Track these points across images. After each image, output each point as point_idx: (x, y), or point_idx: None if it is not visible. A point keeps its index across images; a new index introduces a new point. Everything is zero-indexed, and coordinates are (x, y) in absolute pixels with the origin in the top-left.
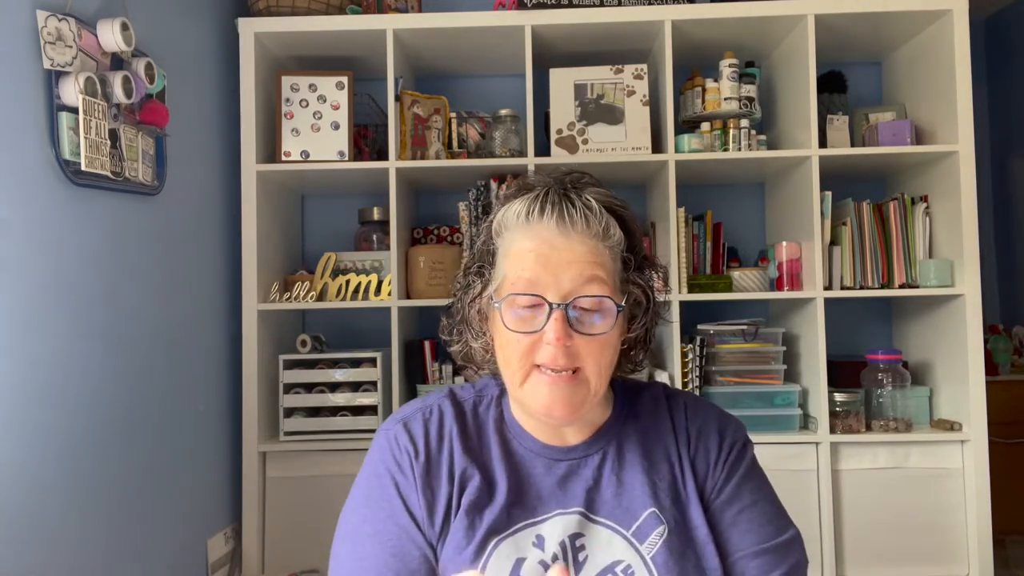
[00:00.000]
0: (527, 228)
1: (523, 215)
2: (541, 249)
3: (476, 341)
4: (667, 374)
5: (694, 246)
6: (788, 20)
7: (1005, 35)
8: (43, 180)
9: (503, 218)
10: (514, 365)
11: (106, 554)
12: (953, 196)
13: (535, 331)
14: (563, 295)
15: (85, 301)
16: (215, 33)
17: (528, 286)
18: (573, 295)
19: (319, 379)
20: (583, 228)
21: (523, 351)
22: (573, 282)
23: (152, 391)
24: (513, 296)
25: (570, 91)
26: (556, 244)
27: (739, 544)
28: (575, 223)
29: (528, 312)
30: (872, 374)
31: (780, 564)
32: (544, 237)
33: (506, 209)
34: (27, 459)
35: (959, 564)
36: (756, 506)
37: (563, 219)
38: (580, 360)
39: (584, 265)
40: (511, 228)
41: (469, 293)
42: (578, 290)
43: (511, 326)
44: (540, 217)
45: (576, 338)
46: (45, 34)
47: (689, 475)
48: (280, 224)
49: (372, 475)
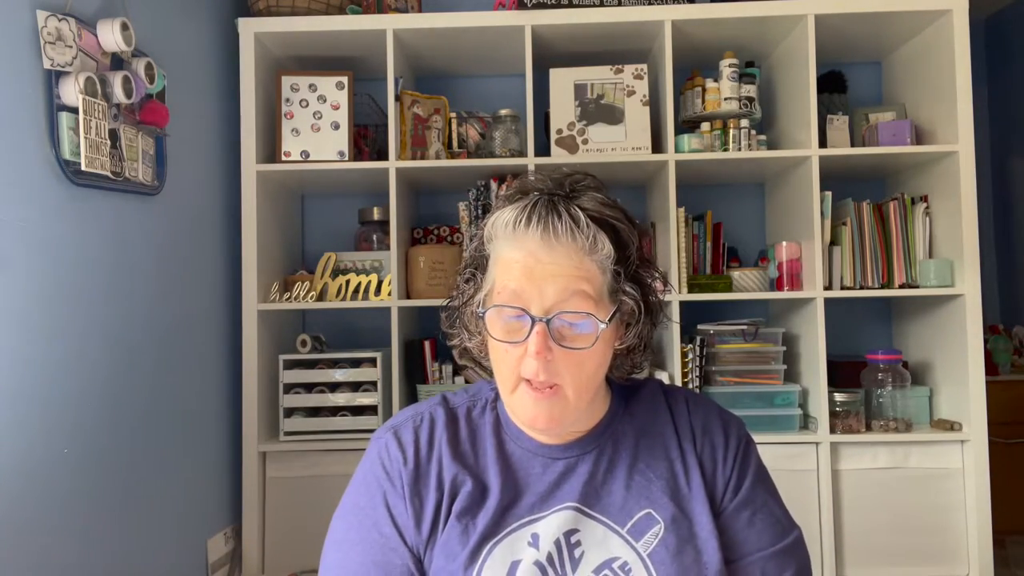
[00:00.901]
0: (514, 238)
1: (511, 224)
2: (527, 261)
3: (471, 340)
4: (667, 374)
5: (694, 246)
6: (788, 20)
7: (1005, 35)
8: (43, 180)
9: (493, 226)
10: (504, 374)
11: (106, 554)
12: (953, 196)
13: (519, 341)
14: (545, 309)
15: (85, 301)
16: (215, 33)
17: (512, 297)
18: (556, 310)
19: (319, 379)
20: (568, 241)
21: (511, 362)
22: (557, 296)
23: (152, 391)
24: (498, 307)
25: (570, 91)
26: (541, 257)
27: (757, 544)
28: (559, 237)
29: (514, 322)
30: (872, 374)
31: (791, 565)
32: (530, 249)
33: (497, 216)
34: (27, 459)
35: (959, 564)
36: (767, 507)
37: (547, 232)
38: (559, 376)
39: (568, 279)
40: (500, 237)
41: (464, 295)
42: (561, 304)
43: (497, 336)
44: (526, 229)
45: (557, 352)
46: (45, 34)
47: (695, 471)
48: (280, 224)
49: (361, 483)
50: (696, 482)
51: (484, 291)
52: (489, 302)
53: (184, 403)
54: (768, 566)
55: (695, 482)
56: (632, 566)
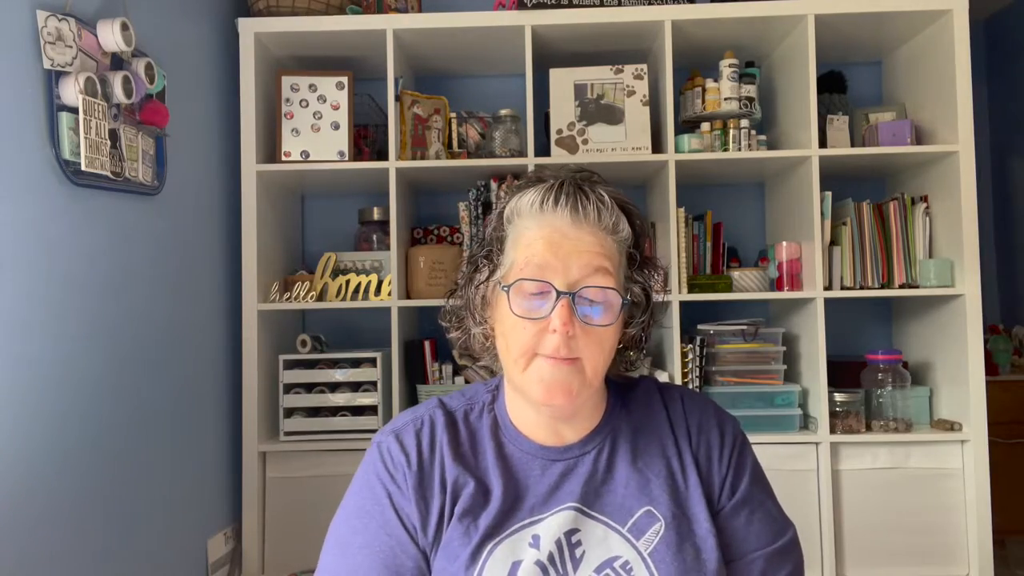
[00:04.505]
0: (540, 216)
1: (537, 204)
2: (552, 237)
3: (477, 327)
4: (667, 374)
5: (694, 246)
6: (788, 20)
7: (1005, 35)
8: (43, 180)
9: (516, 205)
10: (515, 353)
11: (106, 554)
12: (953, 196)
13: (541, 317)
14: (570, 283)
15: (85, 301)
16: (215, 33)
17: (537, 271)
18: (580, 284)
19: (319, 379)
20: (595, 220)
21: (528, 339)
22: (581, 271)
23: (152, 391)
24: (521, 281)
25: (570, 91)
26: (567, 233)
27: (755, 544)
28: (588, 214)
29: (536, 300)
30: (872, 374)
31: (787, 564)
32: (556, 226)
33: (520, 197)
34: (26, 459)
35: (959, 564)
36: (763, 506)
37: (576, 210)
38: (579, 351)
39: (592, 256)
40: (523, 215)
41: (475, 278)
42: (585, 280)
43: (518, 312)
44: (554, 207)
45: (578, 328)
46: (45, 34)
47: (692, 469)
48: (280, 224)
49: (364, 486)
50: (693, 480)
51: (501, 272)
52: (509, 280)
53: (184, 403)
54: (766, 566)
55: (692, 480)
56: (633, 565)
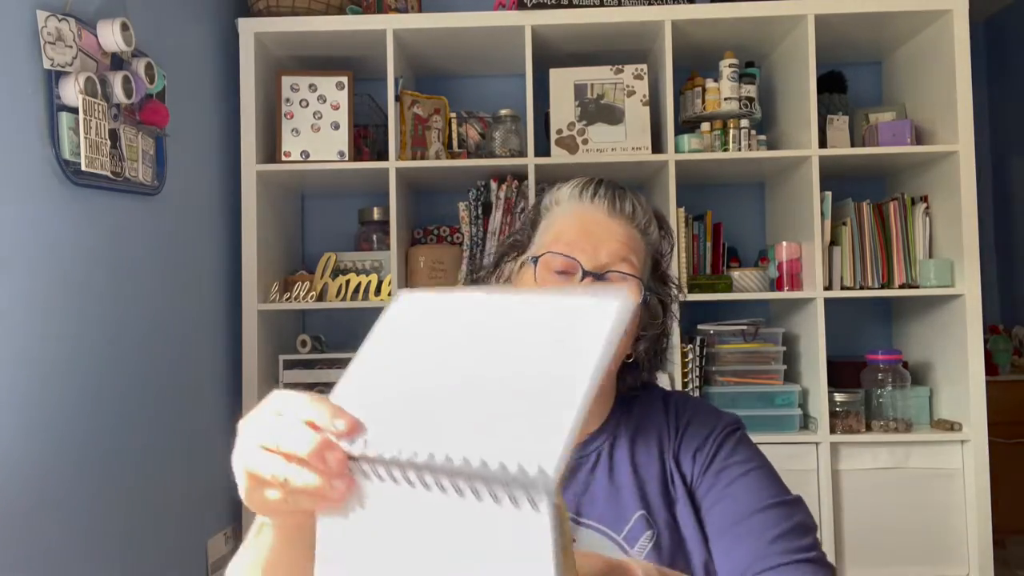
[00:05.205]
0: (578, 204)
1: (576, 193)
2: (585, 221)
3: None
4: (667, 374)
5: (694, 246)
6: (788, 20)
7: (1005, 35)
8: (43, 180)
9: (556, 195)
10: None
11: (106, 554)
12: (953, 196)
13: None
14: (597, 265)
15: (85, 301)
16: (215, 33)
17: (567, 247)
18: (606, 268)
19: (319, 379)
20: (629, 215)
21: None
22: (609, 256)
23: (152, 391)
24: (550, 254)
25: (570, 91)
26: (600, 221)
27: (734, 511)
28: (623, 209)
29: (561, 277)
30: (872, 374)
31: (785, 519)
32: (591, 213)
33: (559, 188)
34: (26, 459)
35: (959, 564)
36: (748, 475)
37: (613, 203)
38: None
39: (621, 245)
40: (561, 203)
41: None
42: (612, 265)
43: (543, 284)
44: (592, 198)
45: None
46: (45, 34)
47: (675, 471)
48: (280, 224)
49: None
50: (679, 482)
51: (532, 250)
52: (540, 252)
53: (184, 403)
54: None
55: (678, 483)
56: None
